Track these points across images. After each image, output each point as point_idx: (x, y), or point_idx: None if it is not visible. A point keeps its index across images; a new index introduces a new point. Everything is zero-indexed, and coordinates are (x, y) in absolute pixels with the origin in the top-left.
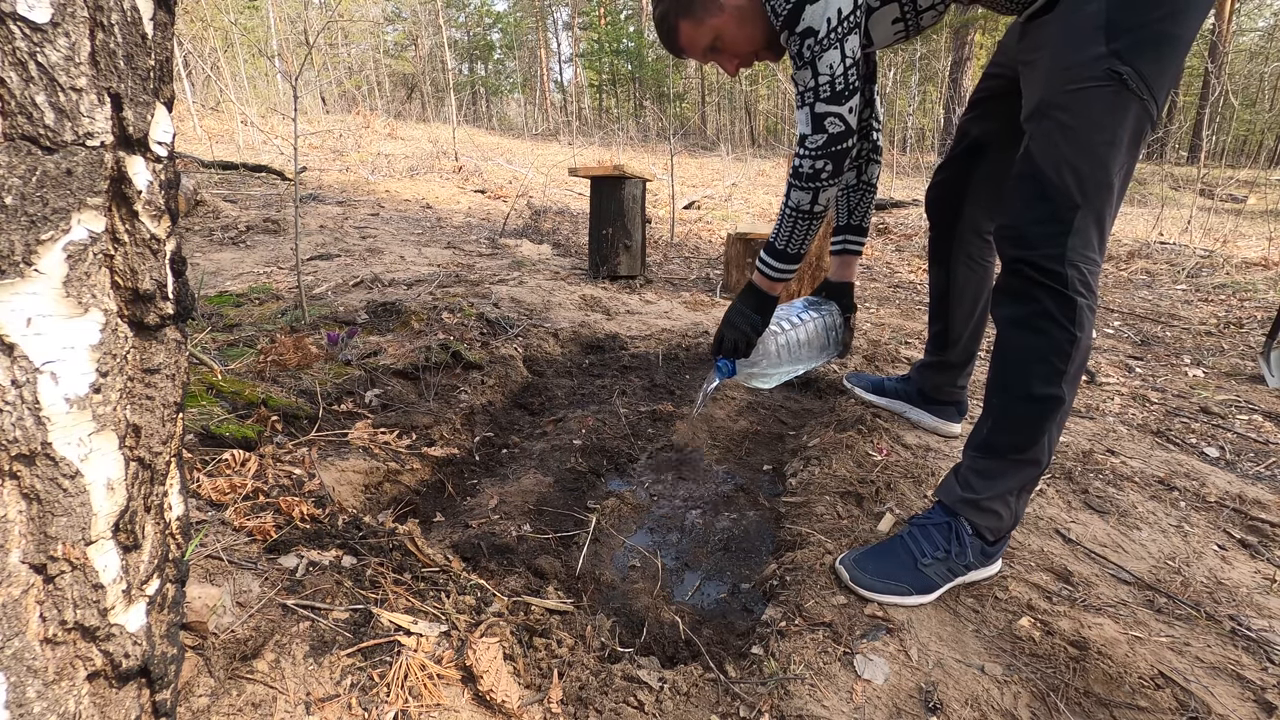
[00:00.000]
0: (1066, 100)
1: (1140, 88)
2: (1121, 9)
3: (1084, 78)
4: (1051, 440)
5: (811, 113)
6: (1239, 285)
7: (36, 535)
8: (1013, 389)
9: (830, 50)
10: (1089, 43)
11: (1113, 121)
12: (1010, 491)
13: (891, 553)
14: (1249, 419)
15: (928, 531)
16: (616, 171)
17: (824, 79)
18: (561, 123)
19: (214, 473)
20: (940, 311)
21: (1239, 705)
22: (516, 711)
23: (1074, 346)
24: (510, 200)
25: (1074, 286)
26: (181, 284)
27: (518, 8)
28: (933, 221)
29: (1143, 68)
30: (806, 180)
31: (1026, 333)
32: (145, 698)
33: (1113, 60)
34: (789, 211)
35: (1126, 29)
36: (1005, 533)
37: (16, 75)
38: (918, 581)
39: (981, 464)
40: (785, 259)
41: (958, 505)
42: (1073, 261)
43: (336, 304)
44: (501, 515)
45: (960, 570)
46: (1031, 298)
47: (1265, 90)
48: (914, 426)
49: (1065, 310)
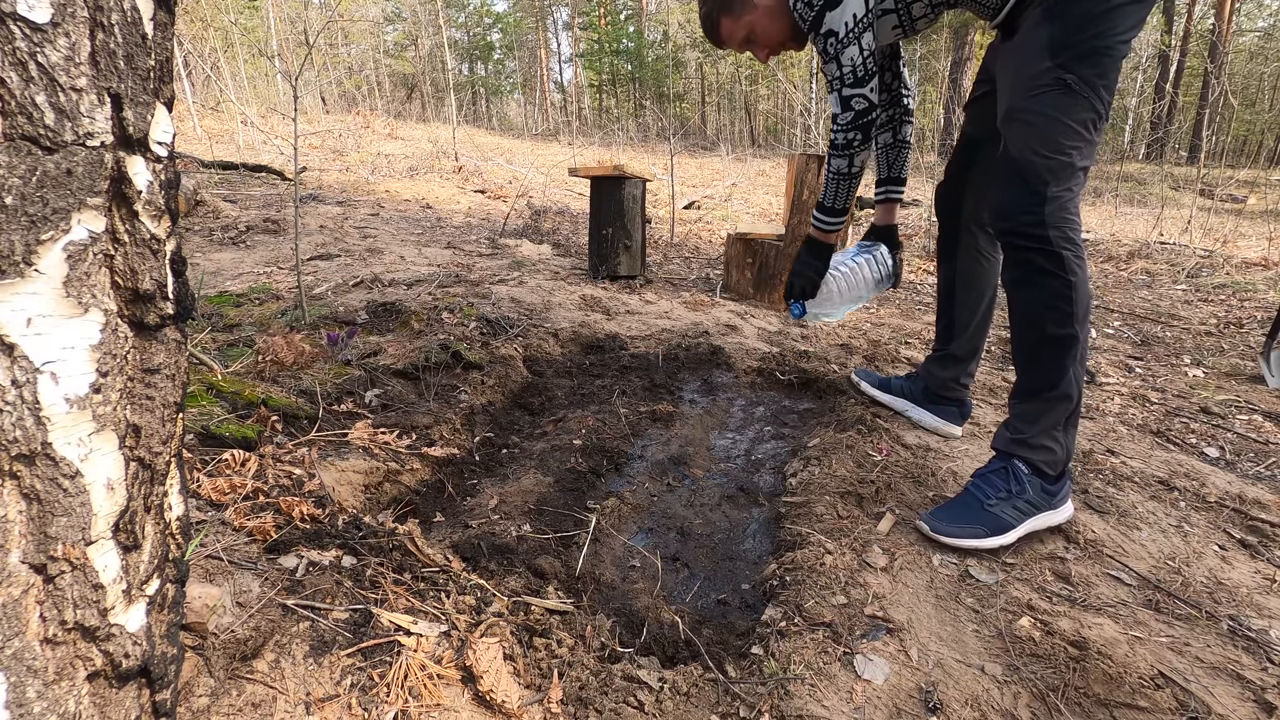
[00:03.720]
0: (1028, 104)
1: (1082, 88)
2: (1063, 32)
3: (1038, 85)
4: (1077, 376)
5: (840, 96)
6: (1239, 285)
7: (36, 535)
8: (1031, 336)
9: (850, 47)
10: (1038, 59)
11: (1065, 114)
12: (1055, 426)
13: (962, 504)
14: (1249, 419)
15: (988, 479)
16: (616, 171)
17: (847, 69)
18: (561, 123)
19: (214, 473)
20: (947, 305)
21: (1239, 705)
22: (516, 711)
23: (1072, 290)
24: (510, 200)
25: (1056, 243)
26: (181, 284)
27: (518, 8)
28: (941, 219)
29: (1082, 73)
30: (842, 149)
31: (1028, 288)
32: (145, 698)
33: (1058, 70)
34: (832, 175)
35: (1065, 46)
36: (1062, 466)
37: (16, 75)
38: (990, 522)
39: (1021, 408)
40: (833, 214)
41: (1010, 447)
42: (1052, 224)
43: (336, 304)
44: (501, 515)
45: (1029, 510)
46: (1025, 260)
47: (1265, 90)
48: (914, 426)
49: (1054, 263)
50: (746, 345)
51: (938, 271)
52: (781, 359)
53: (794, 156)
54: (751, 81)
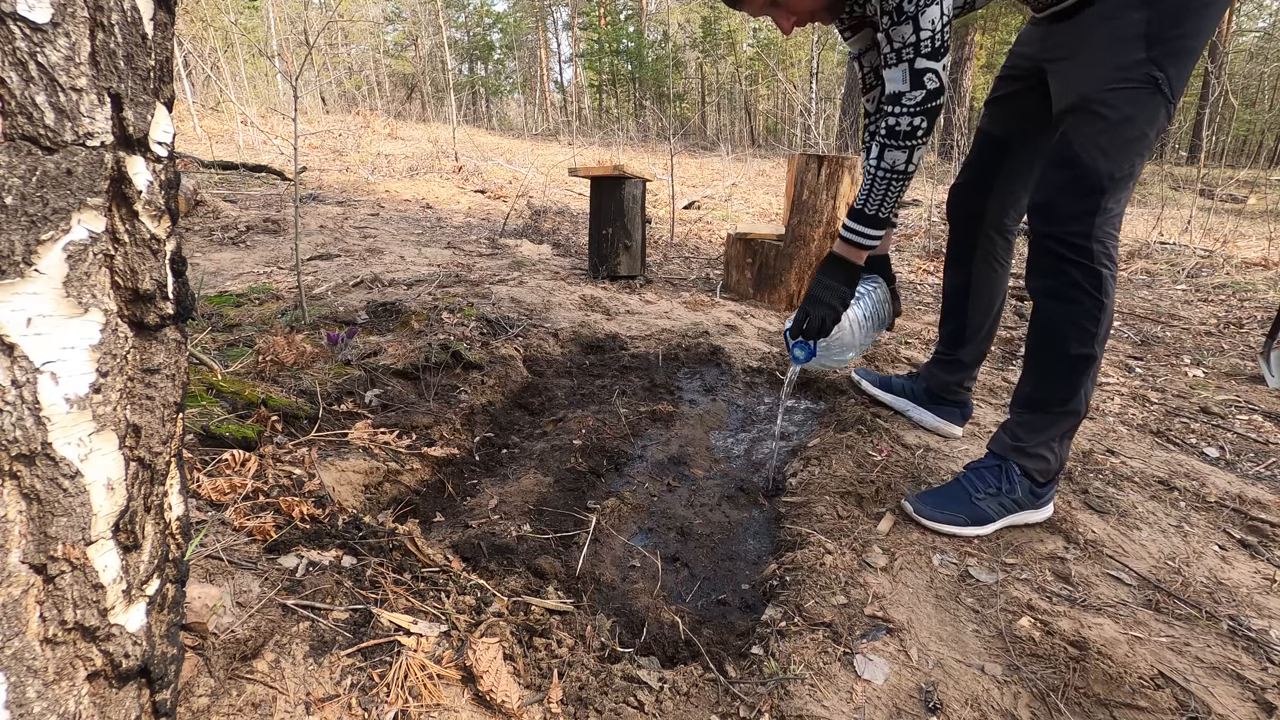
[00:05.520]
0: (1107, 96)
1: (1168, 91)
2: (1160, 23)
3: (1125, 79)
4: (1088, 393)
5: (911, 69)
6: (1239, 285)
7: (36, 535)
8: (1052, 351)
9: (933, 6)
10: (1131, 48)
11: (1144, 119)
12: (1054, 439)
13: (950, 492)
14: (1249, 419)
15: (980, 473)
16: (616, 171)
17: (925, 34)
18: (561, 123)
19: (214, 473)
20: (956, 311)
21: (1239, 705)
22: (516, 711)
23: (1101, 311)
24: (510, 200)
25: (1099, 259)
26: (181, 284)
27: (518, 8)
28: (954, 223)
29: (1171, 74)
30: (904, 138)
31: (1059, 302)
32: (145, 698)
33: (1151, 66)
34: (883, 173)
35: (1162, 40)
36: (1053, 474)
37: (16, 75)
38: (973, 513)
39: (1026, 417)
40: (875, 224)
41: (1008, 453)
42: (1098, 238)
43: (336, 304)
44: (501, 515)
45: (1012, 507)
46: (1062, 272)
47: (1265, 90)
48: (915, 426)
49: (1092, 281)
50: (746, 345)
51: (946, 275)
52: (782, 359)
53: (794, 156)
54: (751, 81)
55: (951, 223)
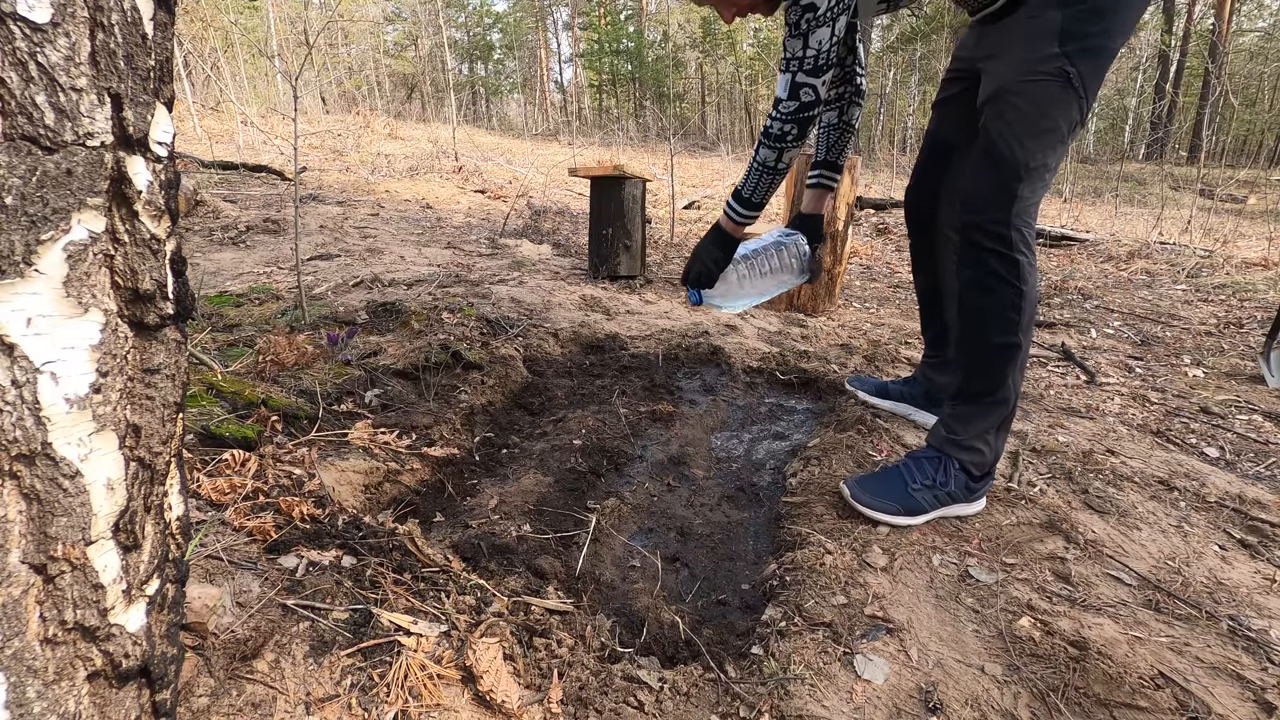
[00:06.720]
0: (1021, 88)
1: (1079, 85)
2: (1074, 21)
3: (1038, 71)
4: (1015, 383)
5: (792, 81)
6: (1239, 285)
7: (36, 535)
8: (976, 341)
9: (823, 28)
10: (1046, 44)
11: (1056, 110)
12: (988, 430)
13: (887, 478)
14: (1249, 419)
15: (920, 463)
16: (616, 172)
17: (810, 53)
18: (561, 123)
19: (214, 473)
20: (933, 313)
21: (1239, 705)
22: (516, 711)
23: (1022, 299)
24: (510, 200)
25: (1016, 247)
26: (181, 284)
27: (518, 8)
28: (911, 226)
29: (1083, 70)
30: (774, 140)
31: (980, 293)
32: (145, 698)
33: (1064, 60)
34: (756, 166)
35: (1075, 37)
36: (988, 468)
37: (16, 75)
38: (907, 503)
39: (959, 409)
40: (749, 206)
41: (944, 446)
42: (1015, 225)
43: (336, 304)
44: (501, 515)
45: (946, 500)
46: (981, 262)
47: (1265, 90)
48: (914, 426)
49: (1010, 269)
50: (746, 345)
51: (915, 279)
52: (782, 359)
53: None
54: (751, 81)
55: (910, 226)
